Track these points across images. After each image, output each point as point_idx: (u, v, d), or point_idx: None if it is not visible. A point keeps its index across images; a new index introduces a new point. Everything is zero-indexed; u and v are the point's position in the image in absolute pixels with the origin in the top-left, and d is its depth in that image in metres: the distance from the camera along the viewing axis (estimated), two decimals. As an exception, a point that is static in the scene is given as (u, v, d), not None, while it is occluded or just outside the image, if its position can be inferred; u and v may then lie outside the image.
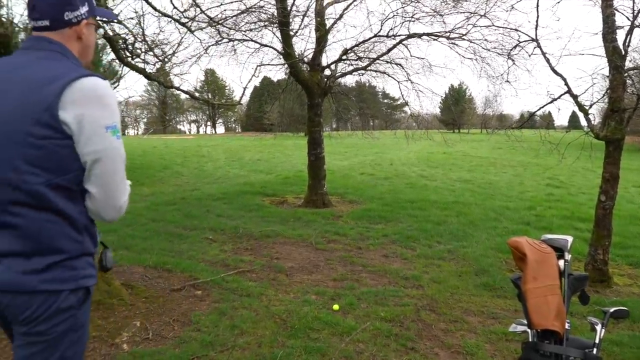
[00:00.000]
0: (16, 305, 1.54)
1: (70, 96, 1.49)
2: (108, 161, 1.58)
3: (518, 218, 8.92)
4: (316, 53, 10.44)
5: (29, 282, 1.52)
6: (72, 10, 1.64)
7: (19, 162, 1.49)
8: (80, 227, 1.61)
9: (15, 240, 1.52)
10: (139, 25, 5.36)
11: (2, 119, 1.52)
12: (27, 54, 1.63)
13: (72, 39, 1.68)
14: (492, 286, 5.10)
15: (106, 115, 1.56)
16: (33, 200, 1.50)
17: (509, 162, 21.97)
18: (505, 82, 9.15)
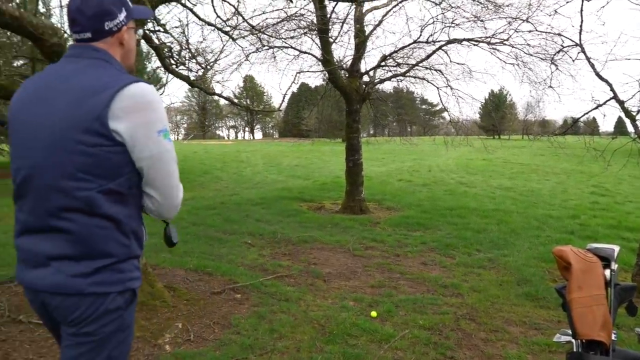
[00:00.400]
0: (65, 306, 1.59)
1: (119, 104, 1.53)
2: (163, 164, 1.64)
3: (561, 227, 8.71)
4: (355, 59, 10.46)
5: (78, 284, 1.56)
6: (111, 19, 1.67)
7: (71, 170, 1.54)
8: (128, 231, 1.65)
9: (66, 244, 1.57)
10: (183, 34, 5.51)
11: (53, 127, 1.56)
12: (74, 62, 1.66)
13: (115, 46, 1.72)
14: (534, 296, 4.99)
15: (156, 120, 1.60)
16: (85, 206, 1.55)
17: (552, 169, 21.46)
18: (548, 87, 8.96)
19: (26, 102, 1.65)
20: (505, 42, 9.50)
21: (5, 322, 4.08)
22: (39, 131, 1.58)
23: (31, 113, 1.62)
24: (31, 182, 1.60)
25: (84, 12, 1.62)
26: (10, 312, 4.25)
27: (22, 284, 1.69)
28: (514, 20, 9.02)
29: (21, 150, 1.64)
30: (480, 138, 13.58)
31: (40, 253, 1.60)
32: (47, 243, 1.59)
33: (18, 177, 1.64)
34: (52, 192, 1.56)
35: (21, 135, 1.64)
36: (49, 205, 1.57)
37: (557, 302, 3.65)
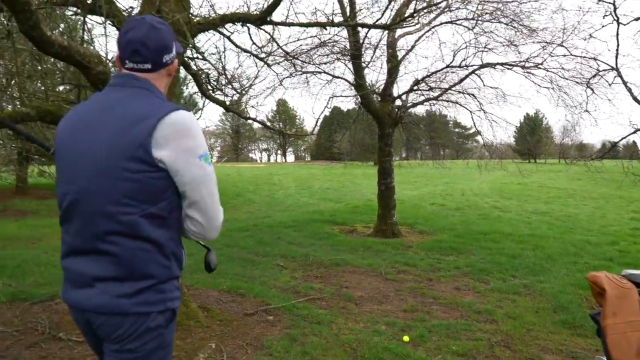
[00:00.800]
0: (109, 325, 1.66)
1: (161, 132, 1.60)
2: (204, 187, 1.71)
3: (600, 253, 8.49)
4: (387, 84, 10.55)
5: (122, 305, 1.63)
6: (168, 52, 1.80)
7: (116, 195, 1.61)
8: (169, 253, 1.71)
9: (111, 266, 1.64)
10: (220, 60, 5.68)
11: (100, 155, 1.63)
12: (117, 91, 1.74)
13: (164, 76, 1.83)
14: (571, 324, 4.88)
15: (196, 146, 1.67)
16: (129, 229, 1.62)
17: (590, 194, 20.97)
18: (585, 111, 8.87)
19: (73, 129, 1.75)
20: (539, 66, 9.46)
21: (45, 339, 4.21)
22: (85, 158, 1.67)
23: (78, 140, 1.71)
24: (77, 207, 1.68)
25: (148, 45, 1.73)
26: (51, 329, 4.38)
27: (68, 303, 1.77)
28: (548, 44, 8.99)
29: (68, 176, 1.73)
30: (515, 162, 13.40)
31: (85, 274, 1.67)
32: (92, 265, 1.66)
33: (65, 201, 1.73)
34: (98, 217, 1.64)
35: (68, 161, 1.73)
36: (95, 229, 1.65)
37: (594, 330, 3.56)
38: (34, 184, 19.34)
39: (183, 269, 1.84)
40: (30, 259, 7.24)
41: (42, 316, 4.73)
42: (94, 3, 4.40)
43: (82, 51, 3.54)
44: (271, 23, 5.14)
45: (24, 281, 6.03)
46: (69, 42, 3.46)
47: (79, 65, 3.52)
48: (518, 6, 8.74)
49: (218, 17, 5.03)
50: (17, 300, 5.24)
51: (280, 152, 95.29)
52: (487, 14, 8.94)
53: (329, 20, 5.53)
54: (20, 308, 5.00)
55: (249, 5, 5.35)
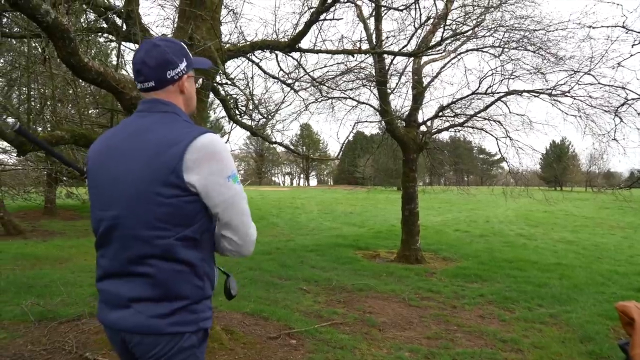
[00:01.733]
0: (145, 344, 1.71)
1: (190, 156, 1.64)
2: (235, 207, 1.75)
3: (628, 284, 8.30)
4: (412, 110, 10.60)
5: (157, 325, 1.68)
6: (173, 68, 1.79)
7: (151, 220, 1.66)
8: (202, 273, 1.75)
9: (146, 287, 1.69)
10: (248, 86, 5.80)
11: (134, 181, 1.68)
12: (146, 116, 1.78)
13: (176, 94, 1.83)
14: (599, 355, 4.77)
15: (224, 167, 1.70)
16: (164, 252, 1.67)
17: (618, 224, 20.54)
18: (612, 140, 8.76)
19: (105, 155, 1.80)
20: (566, 94, 9.41)
21: (72, 358, 4.28)
22: (119, 184, 1.71)
23: (111, 167, 1.76)
24: (114, 232, 1.73)
25: (148, 63, 1.76)
26: (78, 348, 4.45)
27: (104, 323, 1.82)
28: (575, 72, 8.96)
29: (103, 202, 1.78)
30: (541, 189, 13.26)
31: (121, 295, 1.72)
32: (128, 286, 1.71)
33: (100, 227, 1.77)
34: (134, 241, 1.68)
35: (102, 188, 1.78)
36: (131, 253, 1.70)
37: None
38: (62, 204, 19.74)
39: (215, 289, 1.87)
40: (57, 279, 7.37)
41: (69, 335, 4.81)
42: (128, 30, 4.56)
43: (118, 77, 3.67)
44: (299, 50, 5.26)
45: (52, 300, 6.14)
46: (104, 69, 3.59)
47: (114, 90, 3.65)
48: (545, 34, 8.77)
49: (248, 45, 5.16)
50: (45, 320, 5.34)
51: (303, 176, 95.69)
52: (513, 41, 8.98)
53: (355, 47, 5.63)
54: (48, 327, 5.09)
55: (278, 33, 5.48)
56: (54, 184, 16.12)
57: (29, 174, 14.28)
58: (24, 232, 14.06)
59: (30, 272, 8.19)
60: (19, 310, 5.55)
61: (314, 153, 77.66)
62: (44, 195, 17.01)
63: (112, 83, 3.57)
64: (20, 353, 4.37)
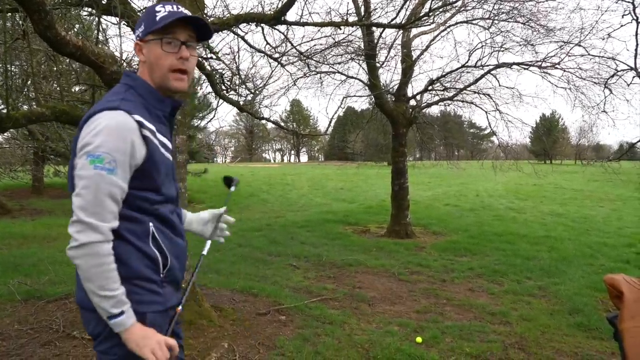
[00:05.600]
0: (84, 320, 1.68)
1: (84, 131, 1.55)
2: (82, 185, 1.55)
3: (616, 255, 8.37)
4: (402, 84, 10.51)
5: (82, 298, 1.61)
6: (136, 36, 1.74)
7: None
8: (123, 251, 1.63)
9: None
10: (234, 61, 5.69)
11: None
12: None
13: (142, 64, 1.73)
14: (586, 326, 4.81)
15: (91, 144, 1.52)
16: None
17: (607, 196, 20.71)
18: (602, 112, 8.74)
19: None
20: (556, 66, 9.35)
21: (59, 337, 4.24)
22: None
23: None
24: None
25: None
26: (65, 327, 4.42)
27: None
28: (565, 44, 8.89)
29: None
30: (530, 162, 13.26)
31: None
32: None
33: None
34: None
35: None
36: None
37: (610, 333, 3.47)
38: (50, 183, 19.57)
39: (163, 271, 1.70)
40: (45, 258, 7.31)
41: (56, 314, 4.78)
42: (108, 3, 4.43)
43: (97, 51, 3.56)
44: (285, 23, 5.14)
45: (39, 280, 6.09)
46: (83, 42, 3.48)
47: (94, 65, 3.55)
48: (535, 5, 8.66)
49: (232, 17, 5.03)
50: (32, 299, 5.29)
51: (294, 152, 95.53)
52: (503, 13, 8.86)
53: (343, 20, 5.51)
54: (35, 306, 5.05)
55: (263, 6, 5.36)
56: (41, 163, 15.94)
57: (15, 152, 14.10)
58: (11, 211, 13.94)
59: (17, 251, 8.12)
60: (6, 290, 5.51)
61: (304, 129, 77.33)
62: (32, 173, 16.83)
63: (91, 57, 3.47)
64: (6, 332, 4.33)
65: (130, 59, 7.47)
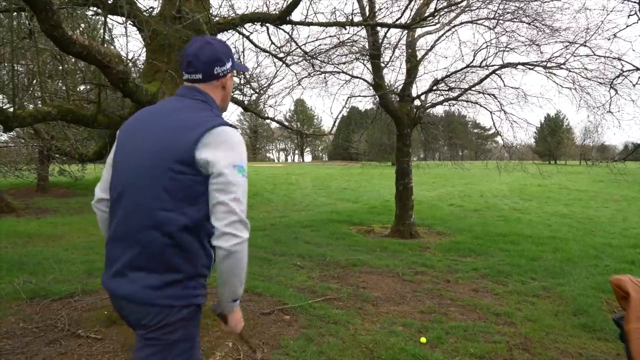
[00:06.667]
0: (136, 312, 1.80)
1: (206, 140, 1.75)
2: (237, 197, 1.77)
3: (621, 256, 8.34)
4: (406, 84, 10.49)
5: (148, 295, 1.76)
6: (220, 66, 1.96)
7: (158, 192, 1.76)
8: (197, 251, 1.82)
9: (142, 257, 1.77)
10: (239, 60, 5.69)
11: (150, 154, 1.80)
12: (181, 100, 1.94)
13: (218, 88, 2.00)
14: (591, 327, 4.79)
15: (235, 155, 1.78)
16: (163, 225, 1.75)
17: (612, 196, 20.64)
18: (607, 112, 8.71)
19: (131, 130, 1.95)
20: (561, 66, 9.32)
21: (65, 335, 4.25)
22: (139, 155, 1.84)
23: (134, 140, 1.90)
24: (123, 198, 1.84)
25: (200, 57, 1.92)
26: (70, 326, 4.43)
27: (105, 287, 1.89)
28: (571, 44, 8.86)
29: (119, 170, 1.91)
30: (535, 163, 13.23)
31: (120, 262, 1.82)
32: (126, 253, 1.80)
33: (115, 192, 1.90)
34: (139, 209, 1.78)
35: (124, 156, 1.91)
36: (134, 220, 1.79)
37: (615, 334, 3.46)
38: (55, 182, 19.62)
39: (211, 269, 1.92)
40: (50, 256, 7.33)
41: (61, 313, 4.79)
42: (114, 3, 4.44)
43: (103, 51, 3.57)
44: (290, 23, 5.15)
45: (44, 278, 6.11)
46: (89, 42, 3.48)
47: (100, 64, 3.55)
48: (540, 5, 8.61)
49: (238, 17, 5.04)
50: (37, 297, 5.31)
51: (298, 152, 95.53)
52: (508, 13, 8.83)
53: (348, 20, 5.51)
54: (40, 305, 5.07)
55: (269, 5, 5.36)
56: (46, 161, 15.99)
57: (20, 150, 14.14)
58: (16, 210, 13.98)
59: (22, 249, 8.15)
60: (11, 288, 5.52)
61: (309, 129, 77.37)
62: (37, 172, 16.88)
63: (98, 57, 3.47)
64: (12, 330, 4.34)
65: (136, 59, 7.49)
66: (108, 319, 4.51)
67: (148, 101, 4.15)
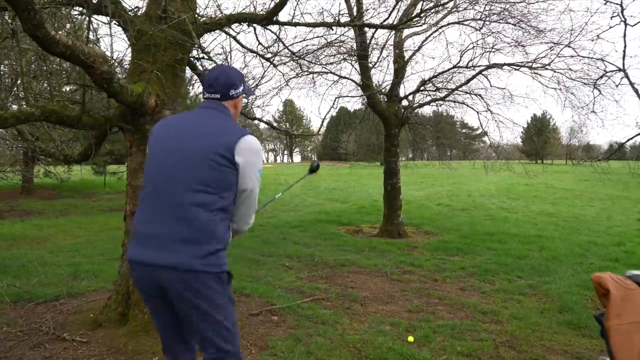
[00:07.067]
0: (180, 280, 2.17)
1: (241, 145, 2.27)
2: (252, 195, 2.39)
3: (606, 254, 8.43)
4: (394, 84, 10.53)
5: (194, 264, 2.16)
6: (235, 89, 2.49)
7: (204, 178, 2.23)
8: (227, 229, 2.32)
9: (188, 231, 2.18)
10: (226, 60, 5.67)
11: (194, 148, 2.27)
12: (209, 111, 2.44)
13: (231, 107, 2.51)
14: (576, 324, 4.84)
15: (259, 162, 2.38)
16: (207, 205, 2.21)
17: (596, 195, 20.85)
18: (591, 112, 8.80)
19: (175, 128, 2.42)
20: (547, 67, 9.40)
21: (49, 339, 4.21)
22: (183, 149, 2.29)
23: (175, 138, 2.36)
24: (171, 182, 2.26)
25: (219, 81, 2.46)
26: (55, 329, 4.38)
27: (140, 261, 2.25)
28: (555, 45, 8.94)
29: (162, 160, 2.33)
30: (521, 162, 13.33)
31: (165, 237, 2.20)
32: (173, 229, 2.20)
33: (156, 180, 2.31)
34: (187, 192, 2.21)
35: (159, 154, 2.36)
36: (182, 201, 2.21)
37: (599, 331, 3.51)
38: (40, 184, 19.44)
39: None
40: (35, 259, 7.26)
41: (46, 316, 4.75)
42: (99, 3, 4.40)
43: (87, 51, 3.53)
44: (277, 23, 5.13)
45: (29, 281, 6.04)
46: (73, 42, 3.45)
47: (84, 64, 3.52)
48: (526, 7, 8.69)
49: (224, 17, 5.02)
50: (21, 301, 5.25)
51: (287, 152, 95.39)
52: (494, 14, 8.90)
53: (335, 20, 5.51)
54: (24, 308, 5.01)
55: (255, 6, 5.34)
56: (31, 163, 15.83)
57: (4, 152, 13.99)
58: (0, 212, 13.83)
59: (6, 252, 8.06)
60: (-5, 292, 5.46)
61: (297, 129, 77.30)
62: (21, 174, 16.71)
63: (81, 57, 3.44)
64: (-4, 335, 4.29)
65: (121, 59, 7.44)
66: (94, 321, 4.46)
67: (133, 101, 4.12)
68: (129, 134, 4.54)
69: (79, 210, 15.17)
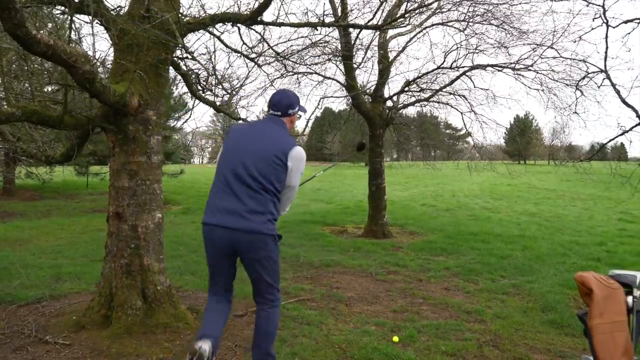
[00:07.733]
0: (251, 240, 3.06)
1: (292, 153, 3.15)
2: (293, 190, 3.27)
3: (588, 254, 8.54)
4: (379, 85, 10.56)
5: (260, 227, 3.05)
6: (292, 108, 3.36)
7: (269, 171, 3.11)
8: (278, 206, 3.22)
9: (257, 205, 3.06)
10: (210, 61, 5.64)
11: (263, 149, 3.13)
12: (272, 124, 3.29)
13: (288, 122, 3.37)
14: (559, 323, 4.89)
15: (302, 167, 3.25)
16: (269, 189, 3.10)
17: (579, 195, 21.12)
18: (574, 113, 8.90)
19: (249, 132, 3.28)
20: (529, 68, 9.50)
21: (32, 342, 4.15)
22: (256, 149, 3.14)
23: (252, 138, 3.21)
24: (248, 171, 3.09)
25: (282, 103, 3.32)
26: (37, 332, 4.33)
27: (218, 224, 3.07)
28: (538, 46, 9.03)
29: (242, 154, 3.15)
30: (504, 163, 13.46)
31: (240, 208, 3.04)
32: (247, 203, 3.05)
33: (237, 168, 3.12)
34: (257, 179, 3.07)
35: (243, 147, 3.19)
36: (253, 185, 3.08)
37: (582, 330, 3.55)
38: (22, 185, 19.17)
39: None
40: (16, 261, 7.16)
41: (28, 319, 4.68)
42: (81, 2, 4.35)
43: (69, 50, 3.49)
44: (262, 23, 5.11)
45: (10, 283, 5.96)
46: (55, 41, 3.41)
47: (65, 64, 3.47)
48: (509, 8, 8.77)
49: (208, 17, 4.99)
50: (2, 303, 5.18)
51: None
52: (478, 15, 8.97)
53: (320, 20, 5.50)
54: (6, 311, 4.94)
55: (240, 5, 5.30)
56: (12, 164, 15.59)
57: (-16, 153, 13.76)
58: (-19, 214, 13.60)
59: (-13, 254, 7.93)
60: (-25, 295, 5.37)
61: (282, 129, 76.86)
62: (2, 175, 16.46)
63: (63, 57, 3.40)
64: (-24, 338, 4.22)
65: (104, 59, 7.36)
66: (77, 324, 4.41)
67: (116, 102, 4.08)
68: (112, 134, 4.49)
69: (61, 212, 14.99)
